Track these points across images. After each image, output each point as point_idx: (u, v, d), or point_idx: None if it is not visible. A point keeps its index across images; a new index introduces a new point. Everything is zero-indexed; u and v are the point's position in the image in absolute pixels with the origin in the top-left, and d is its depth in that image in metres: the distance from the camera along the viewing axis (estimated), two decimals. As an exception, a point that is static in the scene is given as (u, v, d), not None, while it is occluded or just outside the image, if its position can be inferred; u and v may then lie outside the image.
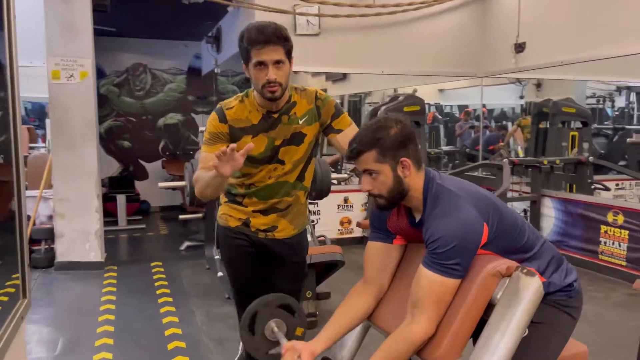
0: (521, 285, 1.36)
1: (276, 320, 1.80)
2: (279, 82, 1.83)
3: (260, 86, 1.85)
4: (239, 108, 1.95)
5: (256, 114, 1.94)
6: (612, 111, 8.79)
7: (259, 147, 1.94)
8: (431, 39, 5.69)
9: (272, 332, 1.79)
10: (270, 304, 1.81)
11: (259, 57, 1.80)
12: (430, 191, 1.50)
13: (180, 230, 6.76)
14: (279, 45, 1.81)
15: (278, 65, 1.82)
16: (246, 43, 1.82)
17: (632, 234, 4.24)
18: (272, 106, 1.93)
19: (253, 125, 1.94)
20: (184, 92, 8.31)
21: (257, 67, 1.82)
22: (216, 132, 1.94)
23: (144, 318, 3.62)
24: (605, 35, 4.56)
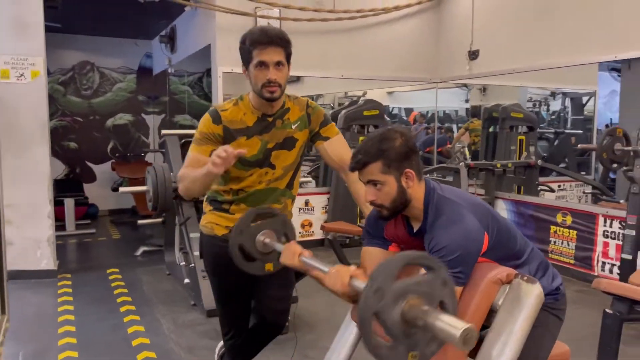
0: (522, 292, 1.43)
1: (263, 232, 1.80)
2: (278, 83, 1.87)
3: (259, 86, 1.87)
4: (234, 110, 1.96)
5: (251, 116, 1.95)
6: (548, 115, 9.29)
7: (253, 149, 1.94)
8: (389, 45, 5.81)
9: (264, 245, 1.79)
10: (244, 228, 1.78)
11: (260, 57, 1.84)
12: (432, 201, 1.55)
13: (133, 235, 6.56)
14: (280, 47, 1.86)
15: (278, 66, 1.86)
16: (249, 43, 1.85)
17: (579, 233, 4.50)
18: (267, 109, 1.94)
19: (248, 127, 1.94)
20: (134, 91, 8.06)
21: (258, 67, 1.85)
22: (208, 133, 1.93)
23: (107, 328, 3.49)
24: (552, 46, 4.82)
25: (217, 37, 5.05)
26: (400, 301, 1.11)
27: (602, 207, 4.47)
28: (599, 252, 4.34)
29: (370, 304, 1.09)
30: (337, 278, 1.35)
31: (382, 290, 1.10)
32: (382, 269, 1.12)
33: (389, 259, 1.16)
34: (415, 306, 1.10)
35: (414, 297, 1.12)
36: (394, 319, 1.10)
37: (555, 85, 7.99)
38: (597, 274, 4.31)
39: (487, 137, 6.63)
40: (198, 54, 5.96)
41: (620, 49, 4.30)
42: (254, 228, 1.79)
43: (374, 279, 1.11)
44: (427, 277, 1.16)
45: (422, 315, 1.09)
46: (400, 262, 1.14)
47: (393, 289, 1.10)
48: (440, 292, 1.15)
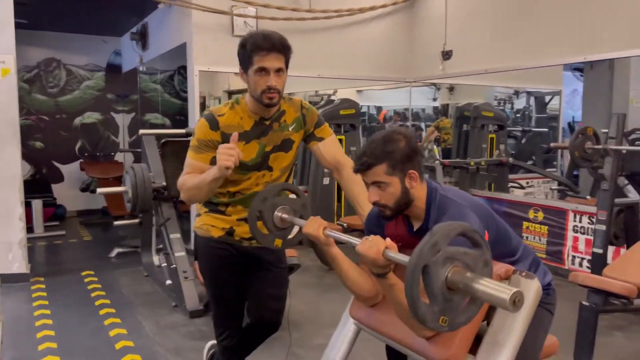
0: (521, 287, 1.49)
1: (281, 207, 1.79)
2: (278, 90, 1.87)
3: (259, 92, 1.87)
4: (230, 114, 1.94)
5: (248, 120, 1.95)
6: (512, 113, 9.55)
7: (251, 153, 1.94)
8: (364, 45, 5.86)
9: (281, 220, 1.79)
10: (268, 197, 1.78)
11: (261, 63, 1.83)
12: (434, 201, 1.59)
13: (105, 236, 6.44)
14: (281, 53, 1.85)
15: (278, 73, 1.86)
16: (249, 49, 1.83)
17: (550, 229, 4.67)
18: (264, 113, 1.95)
19: (245, 131, 1.94)
20: (102, 89, 7.88)
21: (259, 73, 1.85)
22: (206, 140, 1.91)
23: (87, 332, 3.43)
24: (523, 47, 4.97)
25: (194, 35, 5.00)
26: (448, 264, 1.18)
27: (572, 203, 4.64)
28: (569, 246, 4.51)
29: (425, 253, 1.15)
30: (373, 245, 1.37)
31: (438, 246, 1.17)
32: (442, 228, 1.20)
33: (448, 223, 1.24)
34: (460, 272, 1.18)
35: (459, 265, 1.19)
36: (439, 278, 1.17)
37: (522, 84, 8.22)
38: (568, 267, 4.47)
39: (459, 135, 6.78)
40: (169, 52, 5.88)
41: (588, 51, 4.47)
42: (277, 200, 1.78)
43: (434, 233, 1.18)
44: (474, 251, 1.23)
45: (469, 280, 1.15)
46: (458, 228, 1.22)
47: (446, 249, 1.18)
48: (481, 269, 1.22)
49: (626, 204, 3.81)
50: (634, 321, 3.53)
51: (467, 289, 1.14)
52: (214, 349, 2.45)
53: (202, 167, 1.89)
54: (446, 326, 1.18)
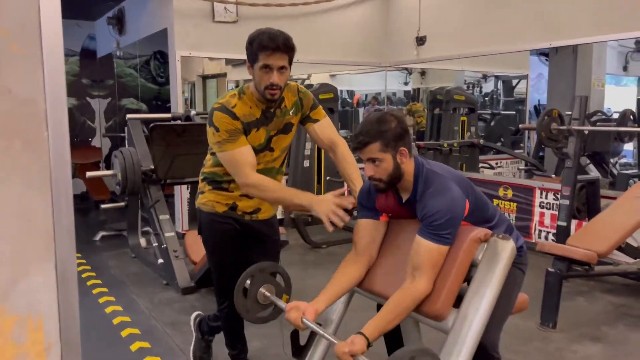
0: (499, 248, 1.72)
1: (267, 285, 2.00)
2: (279, 86, 2.03)
3: (262, 87, 2.03)
4: (240, 104, 2.09)
5: (256, 109, 2.11)
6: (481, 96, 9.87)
7: (260, 138, 2.11)
8: (341, 30, 6.03)
9: (264, 297, 1.98)
10: (265, 270, 2.00)
11: (266, 61, 1.98)
12: (421, 175, 1.80)
13: (86, 221, 6.49)
14: (285, 53, 2.00)
15: (281, 70, 2.02)
16: (256, 47, 1.98)
17: (519, 205, 4.97)
18: (269, 102, 2.10)
19: (257, 119, 2.10)
20: (77, 75, 7.83)
21: (263, 69, 2.00)
22: (233, 129, 2.04)
23: (84, 310, 3.47)
24: (493, 33, 5.23)
25: (175, 21, 5.07)
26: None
27: (539, 181, 4.95)
28: (536, 221, 4.82)
29: None
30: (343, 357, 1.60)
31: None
32: None
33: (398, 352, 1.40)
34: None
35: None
36: None
37: (490, 68, 8.52)
38: (535, 241, 4.79)
39: (432, 118, 7.04)
40: (147, 36, 5.92)
41: (554, 37, 4.74)
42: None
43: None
44: None
45: None
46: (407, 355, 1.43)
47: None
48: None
49: (588, 180, 4.11)
50: (594, 287, 3.86)
51: None
52: (200, 317, 2.65)
53: (248, 151, 2.04)
54: None
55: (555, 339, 3.04)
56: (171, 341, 3.06)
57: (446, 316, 1.71)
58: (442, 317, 1.71)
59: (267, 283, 2.02)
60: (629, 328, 3.18)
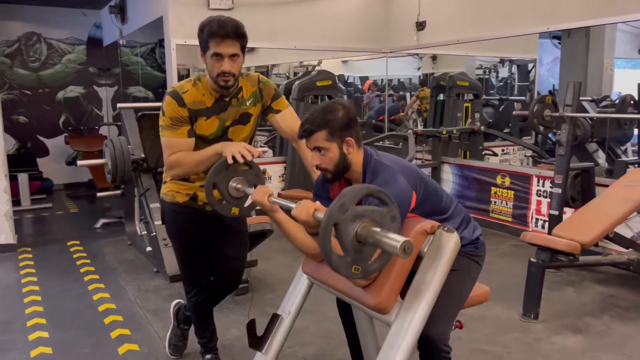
0: (443, 240, 1.69)
1: (235, 178, 1.94)
2: (232, 73, 2.01)
3: (215, 75, 2.01)
4: (193, 91, 2.08)
5: (209, 97, 2.09)
6: (497, 81, 9.69)
7: (211, 127, 2.10)
8: (340, 16, 5.95)
9: (236, 190, 1.93)
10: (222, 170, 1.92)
11: (216, 49, 1.96)
12: (369, 166, 1.78)
13: (90, 208, 6.61)
14: (236, 40, 1.98)
15: (233, 58, 2.00)
16: (206, 35, 1.97)
17: (516, 194, 4.89)
18: (223, 91, 2.09)
19: (207, 107, 2.09)
20: (84, 63, 7.91)
21: (214, 57, 1.98)
22: (177, 117, 2.05)
23: (72, 297, 3.63)
24: (493, 17, 5.09)
25: (169, 9, 5.07)
26: (357, 221, 1.37)
27: (536, 169, 4.85)
28: (533, 209, 4.74)
29: (334, 214, 1.34)
30: (304, 209, 1.57)
31: (346, 206, 1.35)
32: (350, 191, 1.38)
33: (355, 186, 1.41)
34: (367, 227, 1.36)
35: (367, 221, 1.37)
36: (349, 233, 1.36)
37: (499, 53, 8.35)
38: (532, 229, 4.71)
39: (436, 104, 6.92)
40: (150, 25, 5.94)
41: (554, 21, 4.59)
42: (230, 172, 1.93)
43: (342, 196, 1.36)
44: (382, 209, 1.41)
45: (372, 233, 1.34)
46: (364, 189, 1.41)
47: (354, 208, 1.35)
48: (389, 224, 1.40)
49: (582, 167, 4.02)
50: (585, 277, 3.79)
51: (372, 241, 1.32)
52: (179, 305, 2.68)
53: (184, 143, 2.04)
54: (359, 274, 1.37)
55: (535, 330, 3.00)
56: (151, 328, 3.10)
57: (390, 309, 1.69)
58: (386, 309, 1.69)
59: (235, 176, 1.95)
60: (613, 319, 3.11)
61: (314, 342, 2.87)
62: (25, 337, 3.00)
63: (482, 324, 3.05)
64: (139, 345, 2.88)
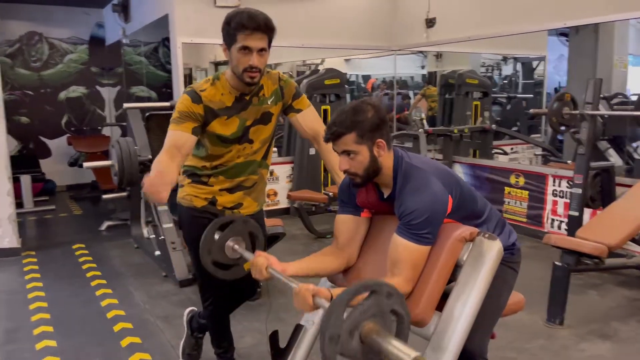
0: (484, 248, 1.58)
1: (234, 238, 1.88)
2: (259, 69, 1.90)
3: (241, 70, 1.90)
4: (211, 90, 1.98)
5: (229, 96, 1.99)
6: (500, 79, 9.57)
7: (232, 127, 2.00)
8: (347, 13, 5.84)
9: (233, 251, 1.86)
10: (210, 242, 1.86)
11: (245, 42, 1.85)
12: (400, 169, 1.66)
13: (94, 210, 6.49)
14: (265, 34, 1.87)
15: (261, 52, 1.89)
16: (234, 27, 1.85)
17: (531, 193, 4.78)
18: (244, 89, 1.99)
19: (227, 107, 1.99)
20: (86, 63, 7.80)
21: (242, 51, 1.87)
22: (187, 112, 1.93)
23: (79, 302, 3.52)
24: (504, 14, 4.99)
25: (175, 7, 4.96)
26: (356, 332, 1.19)
27: (552, 168, 4.75)
28: (548, 210, 4.63)
29: (329, 352, 1.16)
30: (302, 300, 1.47)
31: (336, 336, 1.16)
32: (328, 318, 1.17)
33: (331, 304, 1.20)
34: (371, 330, 1.18)
35: (367, 322, 1.19)
36: (356, 350, 1.19)
37: (507, 50, 8.24)
38: (547, 230, 4.61)
39: (444, 103, 6.83)
40: (153, 24, 5.83)
41: (569, 17, 4.49)
42: (220, 240, 1.87)
43: (323, 330, 1.16)
44: (371, 299, 1.21)
45: (378, 342, 1.16)
46: (342, 304, 1.19)
47: (345, 329, 1.17)
48: (388, 304, 1.23)
49: (602, 167, 3.91)
50: (608, 280, 3.68)
51: (380, 350, 1.16)
52: (192, 313, 2.57)
53: (182, 137, 1.92)
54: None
55: (562, 336, 2.89)
56: (163, 336, 2.99)
57: (428, 322, 1.59)
58: (424, 322, 1.59)
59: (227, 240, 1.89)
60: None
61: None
62: (32, 346, 2.89)
63: (506, 330, 2.93)
64: (151, 355, 2.78)
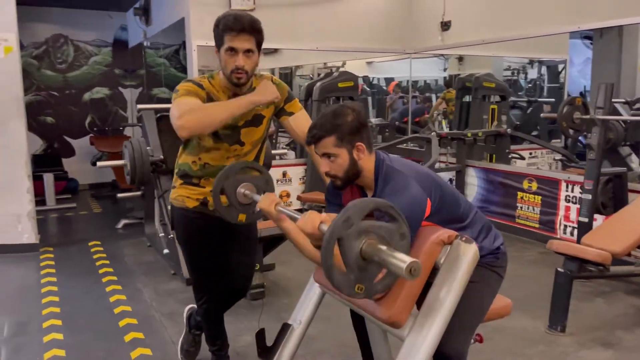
0: (461, 251, 1.59)
1: (244, 184, 1.90)
2: (246, 70, 1.94)
3: (228, 71, 1.95)
4: (208, 86, 2.03)
5: (222, 95, 2.04)
6: (526, 82, 9.43)
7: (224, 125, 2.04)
8: (362, 16, 5.86)
9: (244, 196, 1.89)
10: (231, 174, 1.89)
11: (231, 43, 1.90)
12: (381, 171, 1.69)
13: (114, 208, 6.64)
14: (251, 35, 1.92)
15: (248, 54, 1.93)
16: (221, 29, 1.91)
17: (544, 199, 4.71)
18: (237, 89, 2.03)
19: None
20: (110, 65, 8.00)
21: (228, 52, 1.92)
22: (194, 90, 1.95)
23: (90, 298, 3.63)
24: (522, 16, 4.93)
25: (191, 10, 5.06)
26: (363, 237, 1.26)
27: (565, 173, 4.67)
28: (561, 216, 4.56)
29: (338, 228, 1.23)
30: (309, 220, 1.45)
31: (351, 221, 1.24)
32: (356, 204, 1.27)
33: (363, 199, 1.30)
34: (373, 244, 1.25)
35: (374, 237, 1.26)
36: (353, 249, 1.25)
37: (528, 54, 8.13)
38: (560, 236, 4.53)
39: (461, 106, 6.76)
40: (173, 26, 5.95)
41: (585, 20, 4.42)
42: (239, 178, 1.89)
43: (347, 209, 1.25)
44: (389, 224, 1.30)
45: (378, 252, 1.23)
46: (371, 204, 1.30)
47: (360, 224, 1.25)
48: (397, 242, 1.30)
49: (614, 173, 3.84)
50: (616, 287, 3.61)
51: (378, 260, 1.22)
52: (191, 310, 2.63)
53: (192, 101, 1.91)
54: (362, 293, 1.27)
55: (562, 343, 2.85)
56: (165, 333, 3.06)
57: (403, 323, 1.60)
58: (399, 324, 1.60)
59: (244, 182, 1.91)
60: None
61: (328, 351, 2.79)
62: (40, 338, 3.00)
63: (505, 335, 2.92)
64: (152, 350, 2.84)
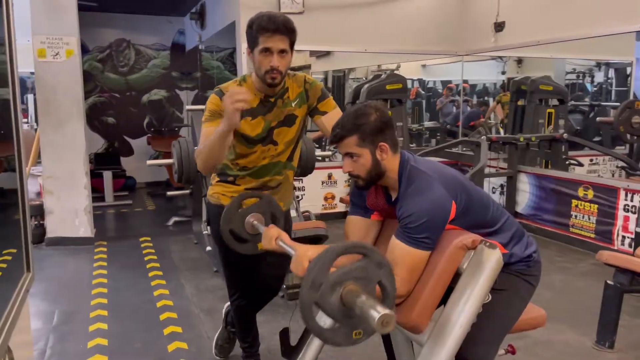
0: (484, 256, 1.53)
1: (250, 215, 1.93)
2: (280, 70, 1.95)
3: (262, 72, 1.96)
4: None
5: (254, 97, 2.05)
6: (592, 86, 8.98)
7: (257, 128, 2.07)
8: (413, 18, 5.79)
9: (252, 227, 1.92)
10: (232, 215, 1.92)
11: (266, 43, 1.91)
12: (405, 172, 1.65)
13: (167, 206, 6.87)
14: (285, 35, 1.93)
15: (282, 54, 1.94)
16: (255, 29, 1.92)
17: (600, 208, 4.47)
18: (269, 91, 2.05)
19: (252, 108, 2.04)
20: (167, 68, 8.30)
21: (263, 53, 1.93)
22: (218, 110, 2.00)
23: (135, 291, 3.76)
24: (579, 16, 4.71)
25: (241, 14, 5.16)
26: (338, 288, 1.19)
27: (624, 181, 4.41)
28: (619, 226, 4.30)
29: (307, 296, 1.18)
30: (298, 266, 1.52)
31: (318, 283, 1.19)
32: (316, 262, 1.20)
33: (322, 251, 1.23)
34: (352, 291, 1.18)
35: (350, 283, 1.20)
36: (333, 305, 1.19)
37: (590, 55, 7.74)
38: (617, 248, 4.28)
39: (515, 110, 6.54)
40: (226, 30, 6.10)
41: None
42: (242, 212, 1.93)
43: (310, 270, 1.20)
44: (360, 262, 1.23)
45: (355, 301, 1.17)
46: (333, 254, 1.22)
47: (328, 280, 1.19)
48: (376, 273, 1.23)
49: (677, 182, 3.58)
50: (676, 305, 3.36)
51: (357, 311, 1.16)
52: (229, 307, 2.66)
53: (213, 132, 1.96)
54: (363, 337, 1.22)
55: (609, 360, 2.69)
56: (202, 328, 3.13)
57: (423, 328, 1.56)
58: (419, 329, 1.56)
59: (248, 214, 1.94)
60: None
61: (354, 353, 2.75)
62: (86, 327, 3.14)
63: (547, 349, 2.79)
64: (188, 344, 2.92)
